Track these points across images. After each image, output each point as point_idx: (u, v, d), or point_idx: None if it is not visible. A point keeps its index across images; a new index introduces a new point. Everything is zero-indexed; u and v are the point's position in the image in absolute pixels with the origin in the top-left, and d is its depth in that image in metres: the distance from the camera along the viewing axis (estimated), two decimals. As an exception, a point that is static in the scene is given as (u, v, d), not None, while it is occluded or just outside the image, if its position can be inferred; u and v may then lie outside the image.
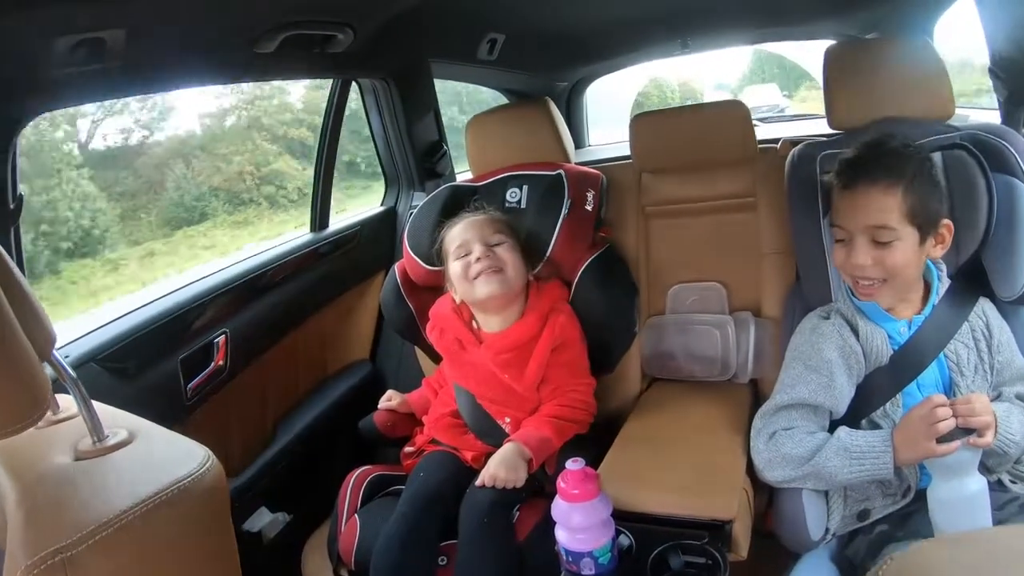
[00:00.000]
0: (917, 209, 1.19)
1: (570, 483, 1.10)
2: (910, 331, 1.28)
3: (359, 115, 2.33)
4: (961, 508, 1.09)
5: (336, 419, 1.98)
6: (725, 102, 1.83)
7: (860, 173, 1.22)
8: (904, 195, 1.19)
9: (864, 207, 1.21)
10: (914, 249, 1.22)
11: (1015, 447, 1.15)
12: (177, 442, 0.78)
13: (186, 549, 0.70)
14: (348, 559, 1.45)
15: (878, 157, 1.22)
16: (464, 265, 1.55)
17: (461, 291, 1.59)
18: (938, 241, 1.24)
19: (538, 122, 1.84)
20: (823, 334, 1.32)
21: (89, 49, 1.22)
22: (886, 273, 1.22)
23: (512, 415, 1.54)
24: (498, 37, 2.34)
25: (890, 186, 1.19)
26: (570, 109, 3.45)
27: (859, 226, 1.22)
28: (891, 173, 1.19)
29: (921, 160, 1.23)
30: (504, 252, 1.56)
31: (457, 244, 1.59)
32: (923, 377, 1.26)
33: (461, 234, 1.59)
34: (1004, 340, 1.28)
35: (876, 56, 1.49)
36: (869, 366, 1.29)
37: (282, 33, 1.54)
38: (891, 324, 1.30)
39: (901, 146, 1.23)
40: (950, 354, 1.27)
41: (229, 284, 1.72)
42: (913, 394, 1.26)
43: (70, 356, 1.39)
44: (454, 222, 1.64)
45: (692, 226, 1.87)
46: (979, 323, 1.28)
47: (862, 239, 1.22)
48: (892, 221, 1.19)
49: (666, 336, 1.82)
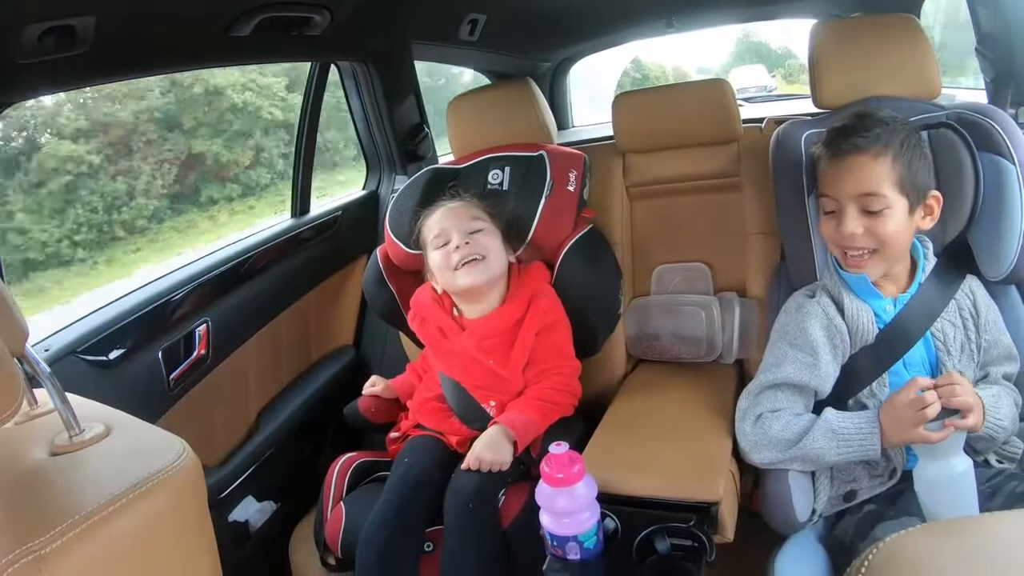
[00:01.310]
0: (906, 178, 1.19)
1: (554, 467, 1.09)
2: (896, 309, 1.28)
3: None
4: (947, 488, 1.09)
5: (321, 406, 1.97)
6: (708, 81, 1.82)
7: (849, 141, 1.22)
8: (893, 163, 1.19)
9: (855, 175, 1.21)
10: (904, 218, 1.21)
11: (1003, 432, 1.16)
12: (153, 434, 0.77)
13: (164, 542, 0.70)
14: (335, 547, 1.44)
15: (867, 126, 1.21)
16: (444, 255, 1.54)
17: (443, 281, 1.57)
18: (926, 212, 1.24)
19: (519, 103, 1.82)
20: (808, 312, 1.31)
21: (59, 37, 1.19)
22: (877, 242, 1.22)
23: (497, 399, 1.53)
24: (479, 17, 2.31)
25: (879, 154, 1.19)
26: (554, 90, 3.42)
27: (849, 194, 1.22)
28: (880, 141, 1.19)
29: (909, 130, 1.23)
30: (484, 238, 1.55)
31: (435, 234, 1.57)
32: (909, 356, 1.26)
33: (438, 223, 1.58)
34: (991, 319, 1.28)
35: (861, 35, 1.48)
36: (855, 345, 1.28)
37: (257, 16, 1.51)
38: (877, 301, 1.29)
39: (889, 116, 1.24)
40: (937, 333, 1.26)
41: (210, 272, 1.70)
42: (899, 373, 1.26)
43: (50, 349, 1.37)
44: (430, 211, 1.62)
45: (677, 206, 1.87)
46: (966, 302, 1.28)
47: (852, 208, 1.22)
48: (883, 188, 1.19)
49: (651, 317, 1.82)
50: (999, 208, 1.27)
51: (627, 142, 1.84)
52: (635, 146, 1.85)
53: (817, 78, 1.50)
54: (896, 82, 1.43)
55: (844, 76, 1.47)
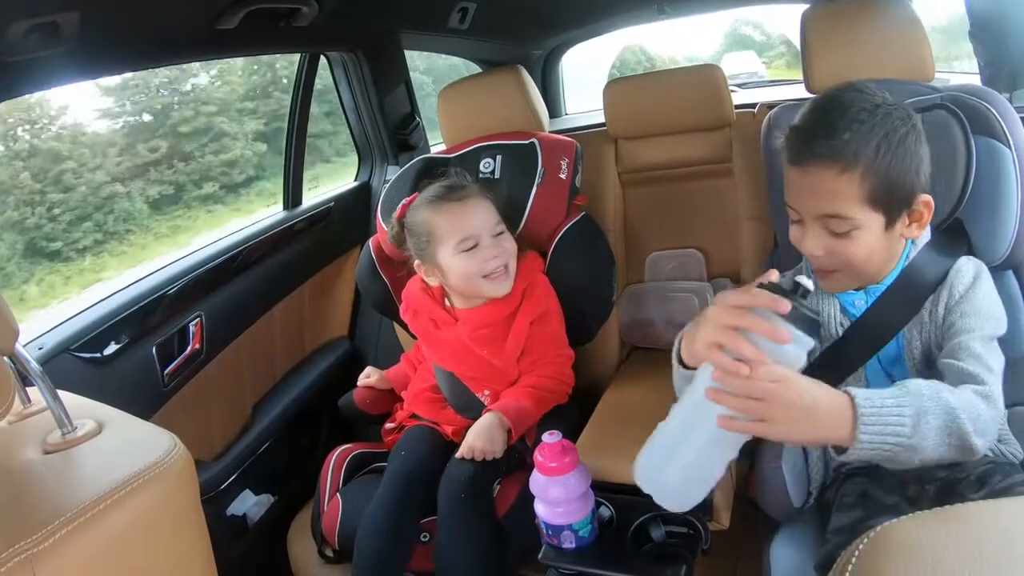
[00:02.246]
0: (881, 191, 0.99)
1: (547, 456, 1.10)
2: (867, 302, 1.15)
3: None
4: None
5: (316, 398, 1.97)
6: (700, 66, 1.81)
7: (811, 148, 1.00)
8: (864, 177, 0.98)
9: (815, 191, 1.02)
10: (878, 236, 1.03)
11: (892, 449, 0.87)
12: (145, 430, 0.78)
13: (156, 537, 0.70)
14: (332, 538, 1.45)
15: (834, 128, 0.99)
16: (478, 262, 1.46)
17: (463, 286, 1.52)
18: (913, 219, 1.06)
19: (510, 91, 1.81)
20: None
21: (43, 34, 1.17)
22: (841, 265, 1.06)
23: (492, 388, 1.53)
24: (469, 6, 2.29)
25: (846, 168, 0.98)
26: (546, 78, 3.40)
27: (810, 213, 1.04)
28: (848, 150, 0.97)
29: (892, 125, 0.99)
30: (508, 242, 1.51)
31: (462, 236, 1.46)
32: (885, 353, 1.17)
33: (464, 223, 1.47)
34: (966, 309, 1.07)
35: (854, 18, 1.47)
36: (822, 340, 1.19)
37: (244, 8, 1.49)
38: (845, 295, 1.17)
39: (864, 108, 1.00)
40: (909, 332, 1.13)
41: (202, 266, 1.70)
42: (876, 368, 1.19)
43: (44, 347, 1.37)
44: (445, 206, 1.50)
45: (670, 193, 1.87)
46: (944, 295, 1.11)
47: (815, 226, 1.05)
48: (849, 209, 1.00)
49: (645, 304, 1.83)
50: (994, 192, 1.25)
51: (619, 129, 1.84)
52: (627, 132, 1.85)
53: (809, 62, 1.48)
54: (889, 65, 1.41)
55: (836, 60, 1.45)
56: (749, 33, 6.59)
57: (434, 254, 1.50)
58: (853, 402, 0.86)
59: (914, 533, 0.50)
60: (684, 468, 0.91)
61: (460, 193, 1.51)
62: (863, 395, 0.87)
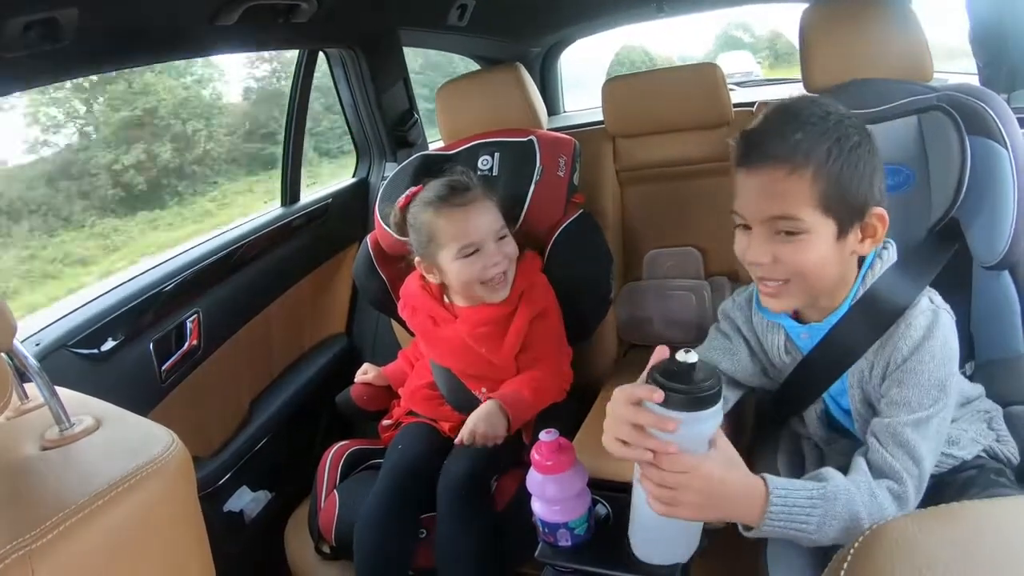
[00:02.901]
0: (832, 195, 0.95)
1: (544, 454, 1.10)
2: (812, 340, 1.11)
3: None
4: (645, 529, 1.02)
5: (314, 394, 1.97)
6: (699, 65, 1.82)
7: (759, 149, 0.97)
8: (815, 178, 0.94)
9: (764, 192, 0.97)
10: (829, 244, 0.98)
11: (792, 535, 0.93)
12: (143, 426, 0.78)
13: (154, 533, 0.70)
14: (328, 535, 1.46)
15: (783, 129, 0.96)
16: (480, 268, 1.45)
17: (463, 289, 1.51)
18: (866, 234, 1.00)
19: (509, 88, 1.81)
20: (731, 307, 1.24)
21: (41, 30, 1.17)
22: (790, 273, 1.00)
23: (489, 386, 1.53)
24: (468, 2, 2.29)
25: (796, 167, 0.94)
26: (544, 75, 3.40)
27: (756, 216, 0.99)
28: (798, 150, 0.94)
29: (844, 132, 0.96)
30: (509, 245, 1.50)
31: (465, 243, 1.45)
32: (836, 390, 1.15)
33: (467, 229, 1.45)
34: (906, 380, 1.00)
35: (853, 16, 1.47)
36: (770, 364, 1.20)
37: (242, 5, 1.49)
38: (791, 326, 1.13)
39: (815, 114, 0.97)
40: (852, 376, 1.10)
41: (200, 262, 1.70)
42: (828, 398, 1.18)
43: (41, 343, 1.37)
44: (448, 210, 1.47)
45: (668, 191, 1.87)
46: (887, 352, 1.04)
47: (761, 231, 0.99)
48: (799, 210, 0.95)
49: (643, 302, 1.83)
50: (991, 193, 1.24)
51: (617, 127, 1.84)
52: (625, 131, 1.85)
53: (807, 60, 1.48)
54: (887, 64, 1.41)
55: (834, 58, 1.45)
56: (740, 36, 6.83)
57: (435, 254, 1.49)
58: (767, 492, 0.91)
59: (908, 531, 0.51)
60: (656, 543, 1.03)
61: (464, 197, 1.47)
62: (778, 489, 0.92)
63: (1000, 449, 1.16)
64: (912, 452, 0.97)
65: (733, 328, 1.22)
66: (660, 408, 0.84)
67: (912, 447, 0.97)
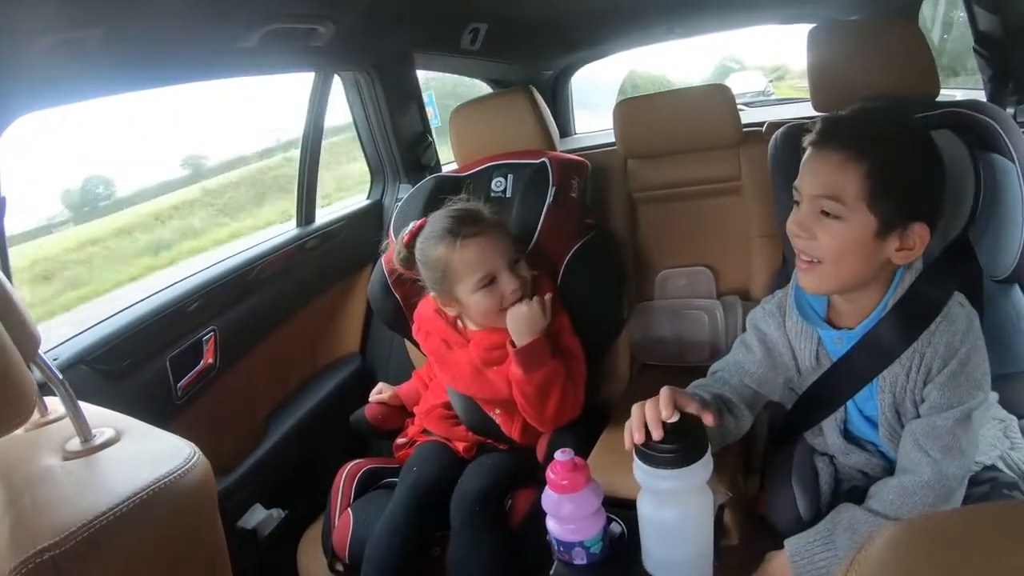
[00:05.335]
0: (881, 194, 1.00)
1: (559, 474, 1.09)
2: (845, 345, 1.14)
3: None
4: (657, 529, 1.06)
5: (327, 413, 1.98)
6: (709, 86, 1.83)
7: (831, 132, 1.06)
8: (870, 172, 1.00)
9: (818, 171, 1.05)
10: (865, 238, 1.03)
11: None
12: (164, 439, 0.78)
13: (174, 544, 0.71)
14: (342, 553, 1.45)
15: (857, 121, 1.07)
16: (496, 299, 1.43)
17: (483, 319, 1.49)
18: (904, 245, 1.04)
19: (522, 110, 1.83)
20: (761, 316, 1.26)
21: (68, 49, 1.20)
22: (821, 253, 1.06)
23: (503, 408, 1.53)
24: (480, 27, 2.33)
25: (853, 158, 1.01)
26: (556, 98, 3.43)
27: (808, 190, 1.06)
28: (861, 144, 1.01)
29: (913, 143, 1.05)
30: (523, 269, 1.47)
31: (481, 275, 1.42)
32: (861, 398, 1.18)
33: (482, 260, 1.43)
34: (955, 368, 1.05)
35: (859, 37, 1.48)
36: (798, 370, 1.22)
37: (263, 27, 1.53)
38: (826, 332, 1.16)
39: (888, 121, 1.07)
40: (883, 381, 1.12)
41: (217, 281, 1.72)
42: (853, 411, 1.20)
43: (59, 359, 1.39)
44: (460, 243, 1.43)
45: (679, 211, 1.87)
46: (929, 349, 1.08)
47: (808, 206, 1.06)
48: (844, 195, 1.02)
49: (656, 321, 1.83)
50: (1000, 207, 1.25)
51: (629, 148, 1.85)
52: (637, 152, 1.86)
53: (816, 81, 1.49)
54: (895, 83, 1.42)
55: (842, 79, 1.46)
56: (732, 67, 7.29)
57: (451, 288, 1.46)
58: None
59: (915, 536, 0.50)
60: (669, 563, 1.07)
61: (473, 228, 1.44)
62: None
63: (1016, 458, 1.16)
64: (956, 446, 1.02)
65: (759, 338, 1.23)
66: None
67: (957, 440, 1.02)
